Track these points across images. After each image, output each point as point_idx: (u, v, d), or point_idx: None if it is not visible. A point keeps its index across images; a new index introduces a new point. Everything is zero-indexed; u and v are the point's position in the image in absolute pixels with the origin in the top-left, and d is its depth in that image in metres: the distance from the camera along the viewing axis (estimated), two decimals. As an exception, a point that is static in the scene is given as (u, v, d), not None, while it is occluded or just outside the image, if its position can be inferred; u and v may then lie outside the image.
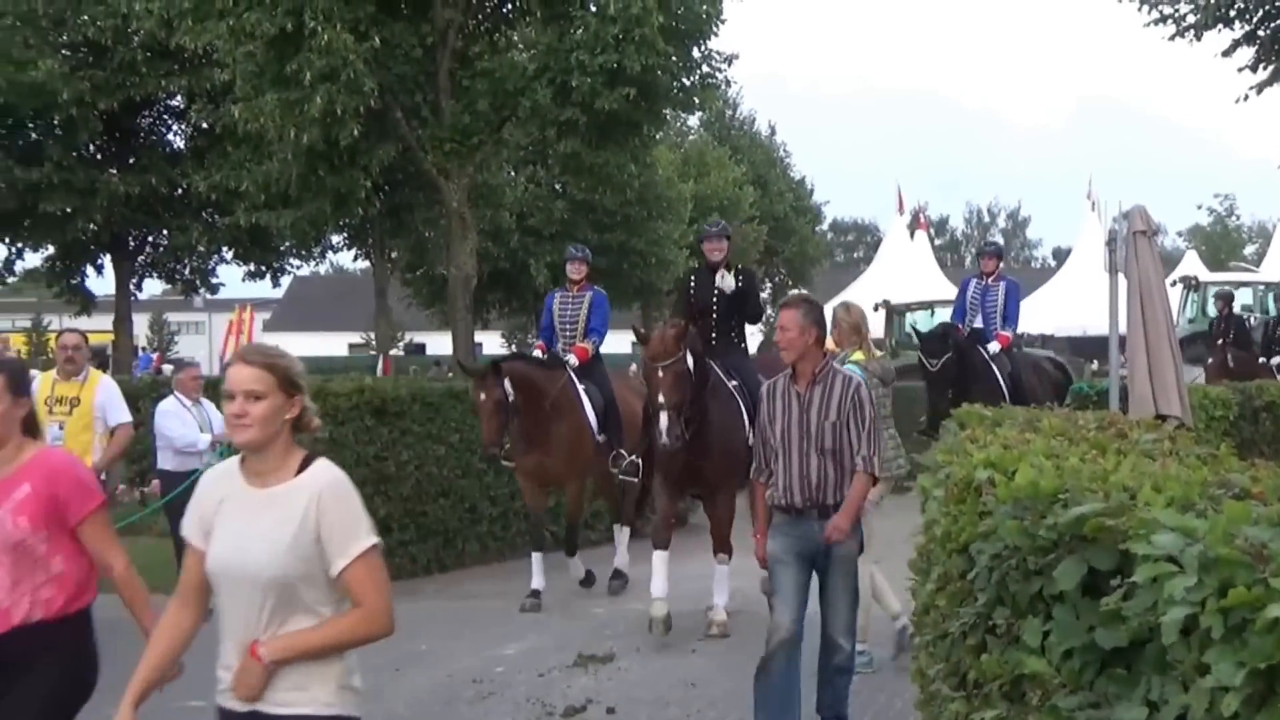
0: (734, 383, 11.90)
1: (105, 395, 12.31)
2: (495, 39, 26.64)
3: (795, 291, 13.67)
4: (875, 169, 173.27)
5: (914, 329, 17.97)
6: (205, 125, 33.81)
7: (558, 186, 40.82)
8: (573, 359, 13.60)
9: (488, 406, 12.49)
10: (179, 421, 13.50)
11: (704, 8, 25.34)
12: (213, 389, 16.02)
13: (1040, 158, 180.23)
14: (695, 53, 26.31)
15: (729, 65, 27.09)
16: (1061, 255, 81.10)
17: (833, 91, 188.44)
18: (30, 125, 33.53)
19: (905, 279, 37.59)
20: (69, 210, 32.87)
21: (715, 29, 26.01)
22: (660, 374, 10.67)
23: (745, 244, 51.89)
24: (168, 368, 35.08)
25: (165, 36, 28.59)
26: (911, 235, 44.93)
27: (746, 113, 63.77)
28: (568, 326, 13.94)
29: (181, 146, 35.64)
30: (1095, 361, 28.36)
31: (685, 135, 56.27)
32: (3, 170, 32.14)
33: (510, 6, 27.00)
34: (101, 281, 38.40)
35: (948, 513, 4.28)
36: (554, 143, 27.13)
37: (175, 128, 36.24)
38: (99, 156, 34.88)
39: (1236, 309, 25.89)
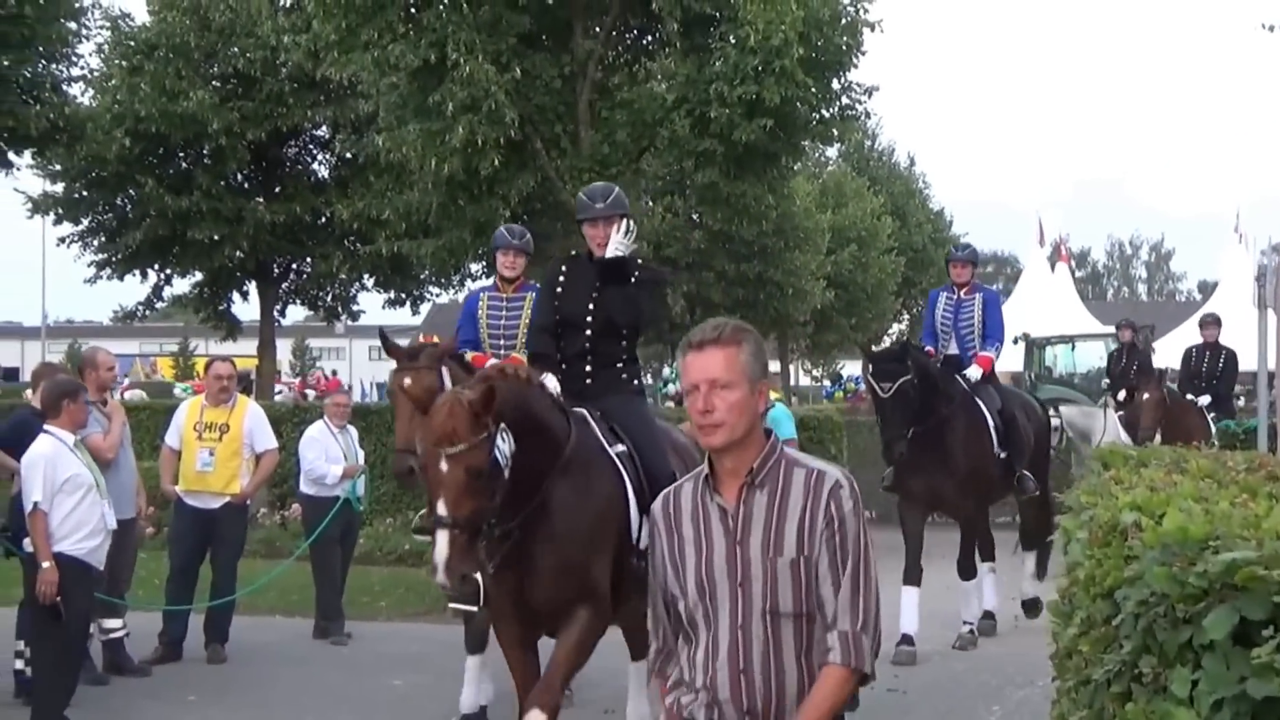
0: (618, 449, 7.83)
1: (253, 422, 12.60)
2: (634, 70, 26.73)
3: (720, 320, 4.31)
4: (1015, 200, 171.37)
5: (862, 348, 14.88)
6: (349, 155, 34.44)
7: (695, 216, 40.83)
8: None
9: None
10: (317, 449, 13.67)
11: (844, 40, 25.21)
12: (357, 416, 16.36)
13: (1184, 189, 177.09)
14: (835, 84, 26.17)
15: (869, 97, 26.93)
16: (1207, 289, 79.53)
17: (973, 122, 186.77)
18: (181, 155, 34.35)
19: (1045, 312, 37.06)
20: (217, 238, 33.54)
21: (855, 61, 25.88)
22: (443, 466, 6.06)
23: (883, 275, 51.58)
24: (307, 393, 35.65)
25: (312, 68, 29.13)
26: (1052, 267, 44.30)
27: (885, 144, 63.43)
28: (503, 337, 10.89)
29: (325, 176, 36.28)
30: (1242, 398, 27.73)
31: (823, 166, 56.05)
32: (154, 198, 32.94)
33: (650, 38, 27.09)
34: (246, 307, 39.17)
35: (1092, 556, 4.20)
36: (691, 173, 27.14)
37: (320, 157, 36.91)
38: (246, 185, 35.61)
39: None
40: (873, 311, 52.79)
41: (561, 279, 8.64)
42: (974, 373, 13.14)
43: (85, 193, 34.87)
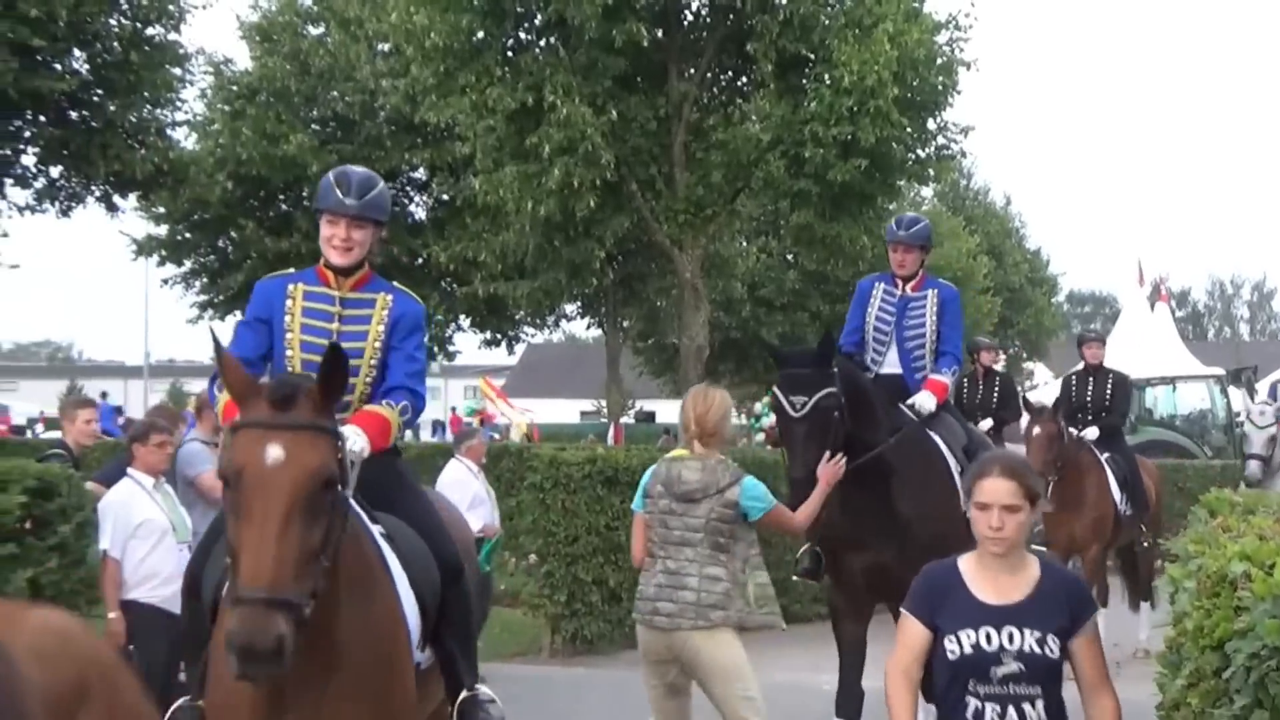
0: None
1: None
2: (729, 111, 26.82)
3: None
4: (1113, 239, 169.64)
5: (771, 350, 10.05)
6: (445, 197, 34.77)
7: (789, 257, 40.81)
8: None
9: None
10: (462, 492, 12.59)
11: (939, 79, 25.16)
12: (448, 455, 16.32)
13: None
14: (930, 124, 26.14)
15: (964, 136, 26.85)
16: (1312, 329, 78.21)
17: (1069, 160, 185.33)
18: (281, 197, 34.85)
19: (1145, 353, 36.50)
20: (314, 279, 33.90)
21: (950, 100, 25.82)
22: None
23: (979, 315, 51.18)
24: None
25: (409, 111, 29.49)
26: (1152, 307, 43.69)
27: (981, 183, 63.01)
28: None
29: (422, 218, 36.64)
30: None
31: (919, 206, 55.80)
32: (254, 240, 33.43)
33: (744, 79, 27.19)
34: (346, 347, 39.44)
35: (1200, 606, 4.13)
36: (787, 214, 27.18)
37: (417, 199, 37.28)
38: (344, 227, 36.00)
39: None
40: (969, 352, 52.31)
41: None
42: (925, 402, 9.35)
43: (188, 235, 35.52)
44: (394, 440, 5.93)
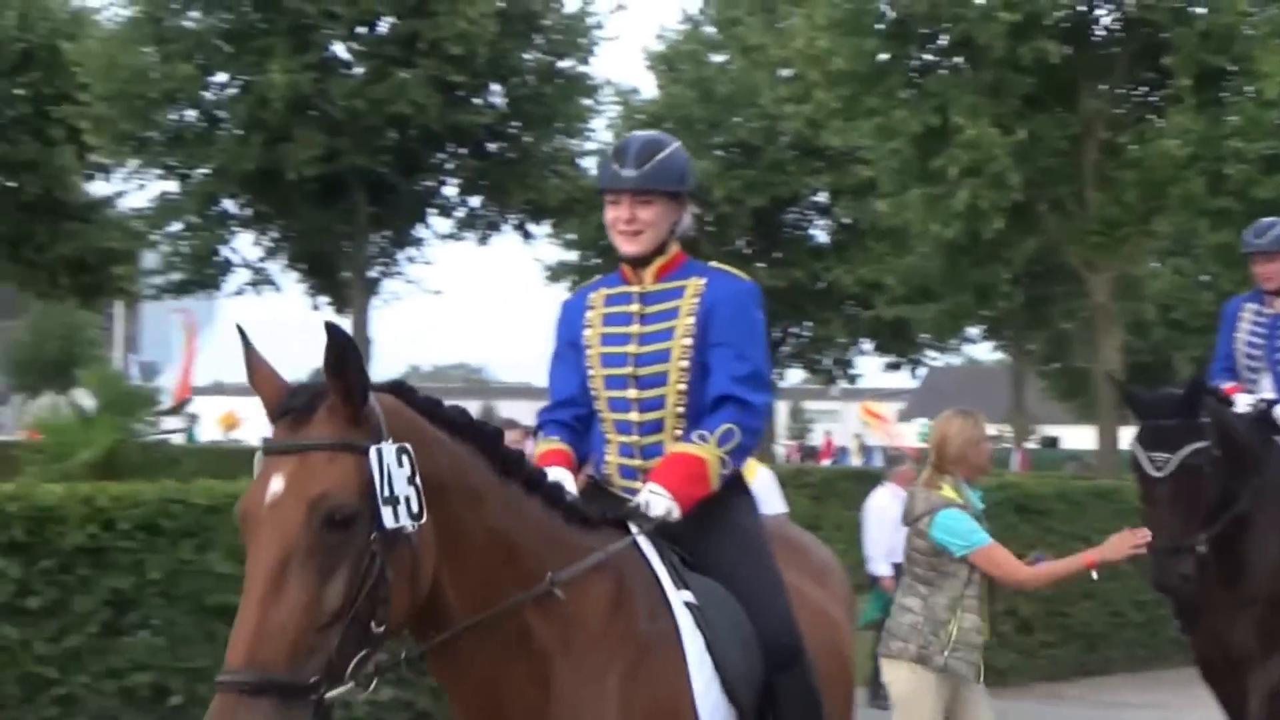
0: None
1: (762, 485, 12.62)
2: (1143, 128, 25.95)
3: None
4: None
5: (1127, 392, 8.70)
6: (847, 220, 34.80)
7: (1204, 278, 39.14)
8: None
9: None
10: (881, 526, 11.90)
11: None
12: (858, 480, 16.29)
13: None
14: (1366, 136, 24.68)
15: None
16: None
17: None
18: (685, 223, 35.55)
19: None
20: (719, 304, 34.48)
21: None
22: None
23: None
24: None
25: (811, 136, 29.67)
26: None
27: None
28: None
29: (824, 241, 36.76)
30: None
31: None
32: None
33: (1159, 94, 26.26)
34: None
35: None
36: (1204, 233, 26.10)
37: (819, 223, 37.42)
38: (747, 252, 36.48)
39: None
40: None
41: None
42: None
43: (599, 260, 36.61)
44: (716, 482, 4.47)
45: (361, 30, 29.47)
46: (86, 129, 29.51)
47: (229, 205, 31.24)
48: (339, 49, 29.86)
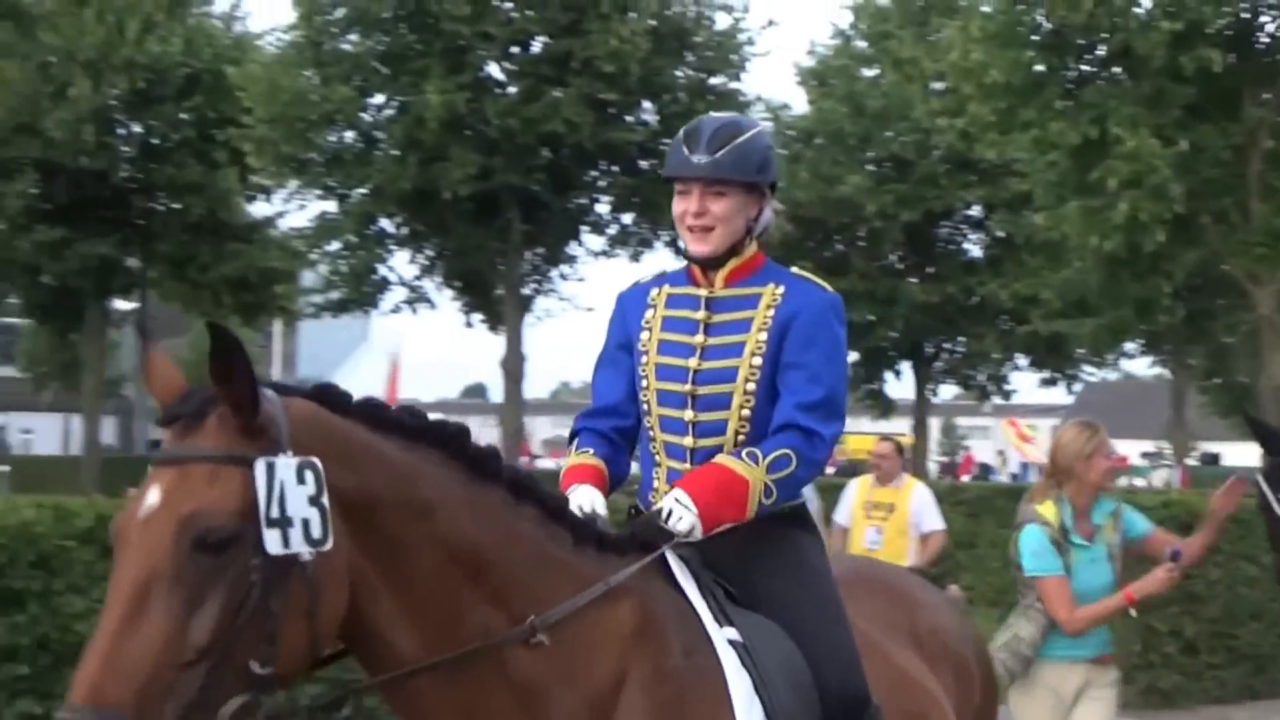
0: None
1: (920, 502, 12.64)
2: (1309, 136, 25.35)
3: None
4: None
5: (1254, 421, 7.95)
6: (1002, 234, 34.40)
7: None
8: None
9: None
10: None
11: None
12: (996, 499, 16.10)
13: None
14: None
15: None
16: None
17: None
18: (837, 237, 35.43)
19: None
20: (872, 319, 34.31)
21: None
22: None
23: None
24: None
25: (965, 149, 29.41)
26: None
27: None
28: None
29: (978, 255, 36.38)
30: None
31: None
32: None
33: (1326, 102, 25.65)
34: (898, 385, 39.76)
35: None
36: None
37: (972, 237, 37.07)
38: (900, 266, 36.25)
39: None
40: None
41: None
42: None
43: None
44: (753, 511, 3.81)
45: (515, 50, 29.84)
46: (249, 151, 30.22)
47: (386, 224, 31.76)
48: (493, 69, 30.23)
